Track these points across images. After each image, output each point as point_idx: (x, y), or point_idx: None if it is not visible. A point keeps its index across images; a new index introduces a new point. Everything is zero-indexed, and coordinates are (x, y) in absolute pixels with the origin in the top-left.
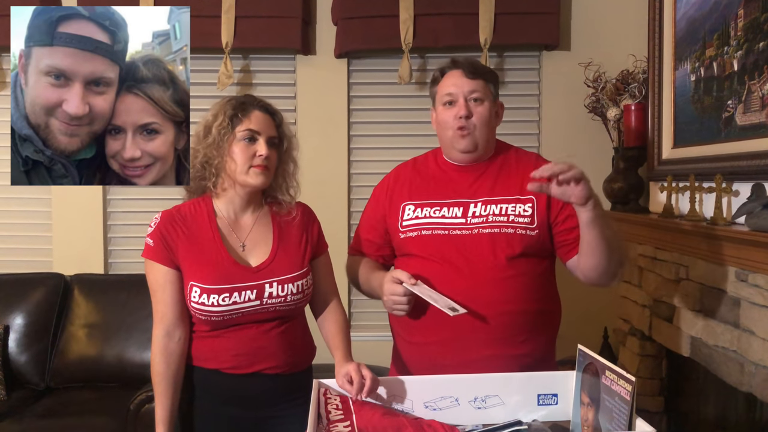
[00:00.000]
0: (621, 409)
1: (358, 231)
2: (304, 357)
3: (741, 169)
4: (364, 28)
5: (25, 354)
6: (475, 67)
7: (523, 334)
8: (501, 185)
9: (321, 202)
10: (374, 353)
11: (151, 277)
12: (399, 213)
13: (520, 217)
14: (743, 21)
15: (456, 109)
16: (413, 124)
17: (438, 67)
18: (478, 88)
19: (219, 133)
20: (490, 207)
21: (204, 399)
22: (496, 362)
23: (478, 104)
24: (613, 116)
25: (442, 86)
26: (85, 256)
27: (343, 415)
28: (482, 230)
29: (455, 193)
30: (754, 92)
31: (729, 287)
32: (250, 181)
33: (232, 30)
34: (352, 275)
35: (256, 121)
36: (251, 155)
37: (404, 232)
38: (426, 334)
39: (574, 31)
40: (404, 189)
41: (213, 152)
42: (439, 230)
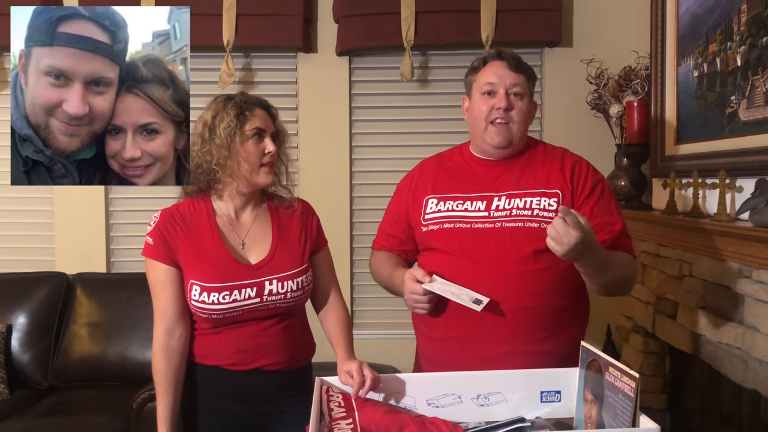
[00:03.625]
0: (625, 406)
1: (381, 226)
2: (304, 353)
3: (744, 165)
4: (365, 25)
5: (28, 353)
6: (519, 61)
7: (546, 330)
8: (526, 179)
9: (323, 200)
10: (376, 351)
11: (152, 275)
12: (422, 206)
13: (545, 211)
14: (746, 16)
15: (496, 100)
16: (415, 122)
17: (479, 56)
18: (520, 82)
19: (227, 133)
20: (514, 201)
21: (206, 396)
22: (518, 358)
23: (518, 99)
24: (616, 113)
25: (483, 75)
26: (88, 255)
27: (346, 413)
28: (505, 224)
29: (479, 187)
30: (758, 88)
31: (733, 284)
32: (260, 181)
33: (233, 28)
34: (375, 272)
35: (260, 118)
36: (261, 153)
37: (426, 225)
38: (447, 329)
39: (576, 27)
40: (428, 183)
41: (224, 153)
42: (461, 224)
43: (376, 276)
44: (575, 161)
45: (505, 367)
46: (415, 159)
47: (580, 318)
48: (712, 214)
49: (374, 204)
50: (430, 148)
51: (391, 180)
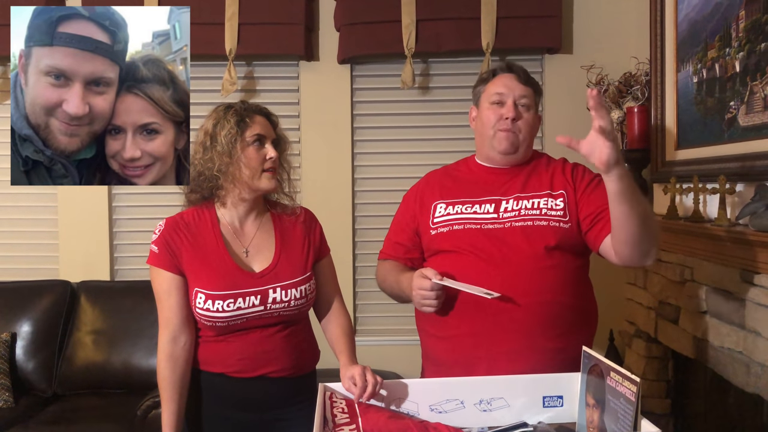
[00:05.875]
0: (626, 410)
1: (388, 236)
2: (308, 360)
3: (744, 170)
4: (366, 33)
5: (32, 361)
6: (528, 75)
7: (558, 327)
8: (533, 183)
9: (325, 208)
10: (378, 358)
11: (156, 283)
12: (430, 211)
13: (552, 210)
14: (744, 22)
15: (504, 110)
16: (416, 129)
17: (489, 69)
18: (527, 94)
19: (228, 140)
20: (522, 202)
21: (210, 403)
22: (531, 355)
23: (525, 110)
24: (616, 118)
25: (493, 85)
26: (91, 263)
27: (349, 419)
28: (515, 224)
29: (487, 192)
30: (757, 93)
31: (734, 288)
32: (263, 186)
33: (235, 37)
34: (382, 281)
35: (261, 125)
36: (262, 159)
37: (435, 229)
38: (458, 326)
39: (576, 34)
40: (435, 190)
41: (225, 159)
42: (471, 224)
43: (383, 285)
44: (575, 164)
45: (518, 363)
46: (417, 165)
47: (590, 321)
48: (712, 219)
49: (376, 211)
50: (432, 154)
51: (393, 187)
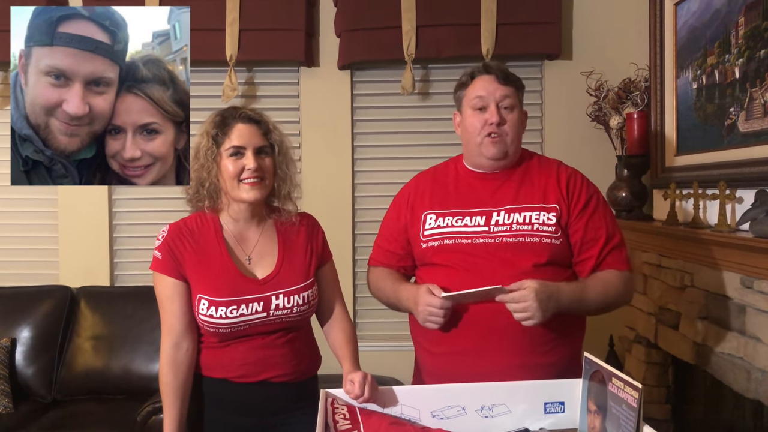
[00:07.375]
0: (628, 417)
1: (378, 242)
2: (310, 365)
3: (744, 176)
4: (366, 39)
5: (32, 366)
6: (507, 73)
7: (549, 343)
8: (524, 193)
9: (325, 213)
10: (378, 363)
11: (160, 289)
12: (420, 222)
13: (544, 225)
14: (744, 29)
15: (487, 115)
16: (416, 134)
17: (465, 72)
18: (509, 94)
19: (205, 155)
20: (513, 215)
21: (212, 408)
22: (522, 372)
23: (509, 112)
24: (616, 124)
25: (472, 89)
26: (91, 269)
27: (351, 425)
28: (506, 239)
29: (477, 201)
30: (756, 99)
31: (734, 294)
32: (243, 197)
33: (236, 43)
34: (375, 287)
35: (238, 136)
36: (239, 170)
37: (426, 242)
38: (450, 344)
39: (575, 40)
40: (425, 198)
41: (204, 174)
42: (461, 239)
43: (377, 293)
44: (570, 174)
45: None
46: (416, 171)
47: (578, 329)
48: (712, 225)
49: (377, 216)
50: (431, 160)
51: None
